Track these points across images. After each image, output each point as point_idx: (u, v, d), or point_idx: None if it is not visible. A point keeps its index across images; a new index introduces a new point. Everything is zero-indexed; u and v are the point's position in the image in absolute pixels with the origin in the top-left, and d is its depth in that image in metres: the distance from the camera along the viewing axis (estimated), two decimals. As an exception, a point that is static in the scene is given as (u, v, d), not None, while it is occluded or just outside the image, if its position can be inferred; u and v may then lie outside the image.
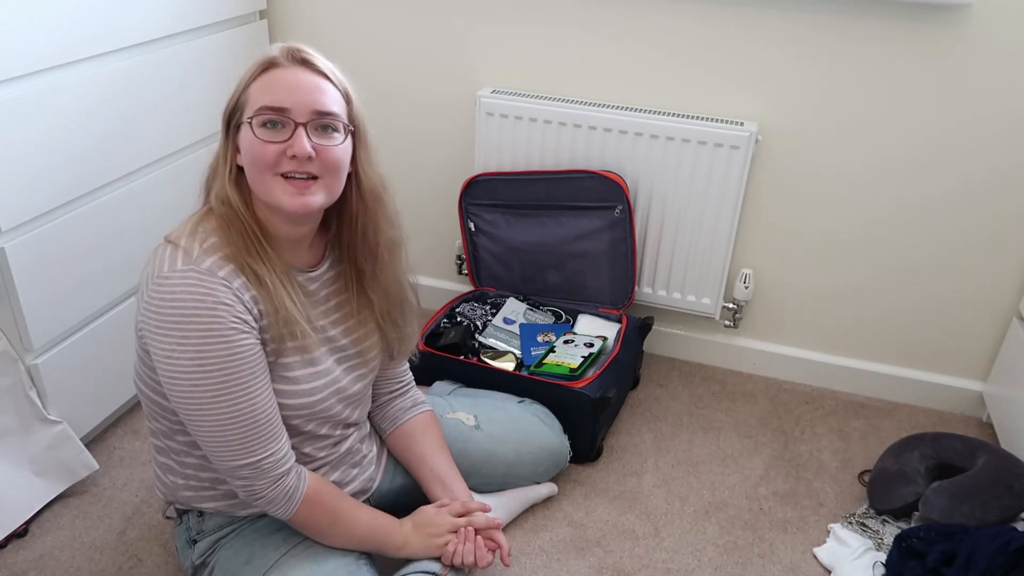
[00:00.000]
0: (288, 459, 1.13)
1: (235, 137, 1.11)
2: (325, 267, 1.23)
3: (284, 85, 1.07)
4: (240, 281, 1.07)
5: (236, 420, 1.07)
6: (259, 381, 1.09)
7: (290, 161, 1.07)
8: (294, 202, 1.08)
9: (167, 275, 1.04)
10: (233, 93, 1.11)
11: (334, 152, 1.10)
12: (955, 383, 1.90)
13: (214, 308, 1.03)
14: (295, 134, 1.06)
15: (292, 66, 1.09)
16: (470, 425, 1.48)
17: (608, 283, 1.91)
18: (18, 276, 1.40)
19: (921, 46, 1.62)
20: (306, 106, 1.07)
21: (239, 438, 1.08)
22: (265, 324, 1.10)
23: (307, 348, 1.16)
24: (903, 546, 1.41)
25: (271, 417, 1.11)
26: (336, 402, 1.23)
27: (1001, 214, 1.71)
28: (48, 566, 1.42)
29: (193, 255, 1.06)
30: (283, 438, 1.13)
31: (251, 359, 1.07)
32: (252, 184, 1.10)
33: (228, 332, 1.04)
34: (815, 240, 1.86)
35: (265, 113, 1.06)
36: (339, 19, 1.98)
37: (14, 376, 1.44)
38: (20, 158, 1.37)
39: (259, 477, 1.11)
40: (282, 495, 1.13)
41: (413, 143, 2.06)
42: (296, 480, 1.14)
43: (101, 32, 1.50)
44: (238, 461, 1.09)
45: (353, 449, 1.32)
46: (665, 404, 1.91)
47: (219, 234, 1.09)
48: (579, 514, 1.58)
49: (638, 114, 1.79)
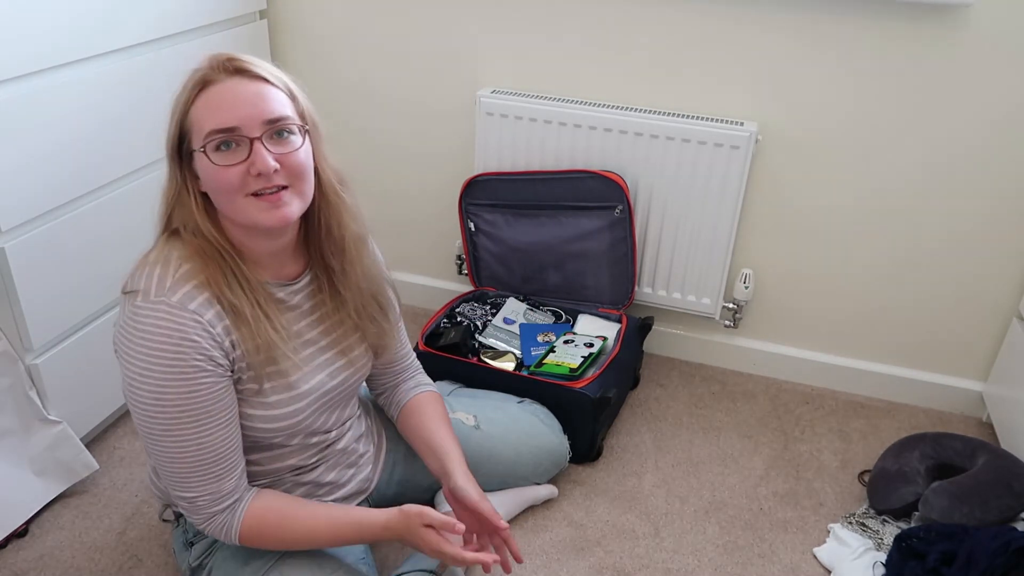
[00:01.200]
0: (226, 499, 1.11)
1: (189, 165, 1.07)
2: (308, 278, 1.20)
3: (226, 102, 1.01)
4: (213, 312, 1.05)
5: (182, 456, 1.07)
6: (213, 421, 1.07)
7: (256, 179, 1.03)
8: (271, 217, 1.05)
9: (140, 304, 1.03)
10: (172, 120, 1.05)
11: (297, 157, 1.06)
12: (955, 383, 1.90)
13: (179, 344, 1.02)
14: (253, 151, 1.02)
15: (227, 78, 1.03)
16: (470, 425, 1.48)
17: (608, 283, 1.91)
18: (18, 276, 1.40)
19: (921, 46, 1.62)
20: (255, 118, 1.02)
21: (181, 472, 1.08)
22: (239, 354, 1.08)
23: (286, 372, 1.14)
24: (903, 546, 1.41)
25: (219, 458, 1.09)
26: (318, 415, 1.21)
27: (1001, 214, 1.71)
28: (48, 566, 1.42)
29: (167, 284, 1.03)
30: (227, 478, 1.11)
31: (208, 399, 1.05)
32: (222, 209, 1.07)
33: (189, 370, 1.03)
34: (815, 240, 1.86)
35: (215, 136, 1.01)
36: (339, 19, 1.98)
37: (14, 376, 1.44)
38: (20, 158, 1.37)
39: (193, 511, 1.11)
40: (216, 529, 1.12)
41: (413, 143, 2.06)
42: (230, 517, 1.12)
43: (101, 32, 1.50)
44: (177, 492, 1.10)
45: (348, 449, 1.32)
46: (665, 404, 1.91)
47: (192, 261, 1.06)
48: (579, 514, 1.58)
49: (638, 114, 1.79)
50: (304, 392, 1.17)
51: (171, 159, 1.07)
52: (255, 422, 1.13)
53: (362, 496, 1.36)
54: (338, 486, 1.30)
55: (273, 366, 1.11)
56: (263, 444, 1.18)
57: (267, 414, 1.14)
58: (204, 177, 1.05)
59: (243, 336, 1.07)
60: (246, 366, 1.09)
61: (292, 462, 1.23)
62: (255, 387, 1.12)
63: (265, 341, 1.09)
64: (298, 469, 1.24)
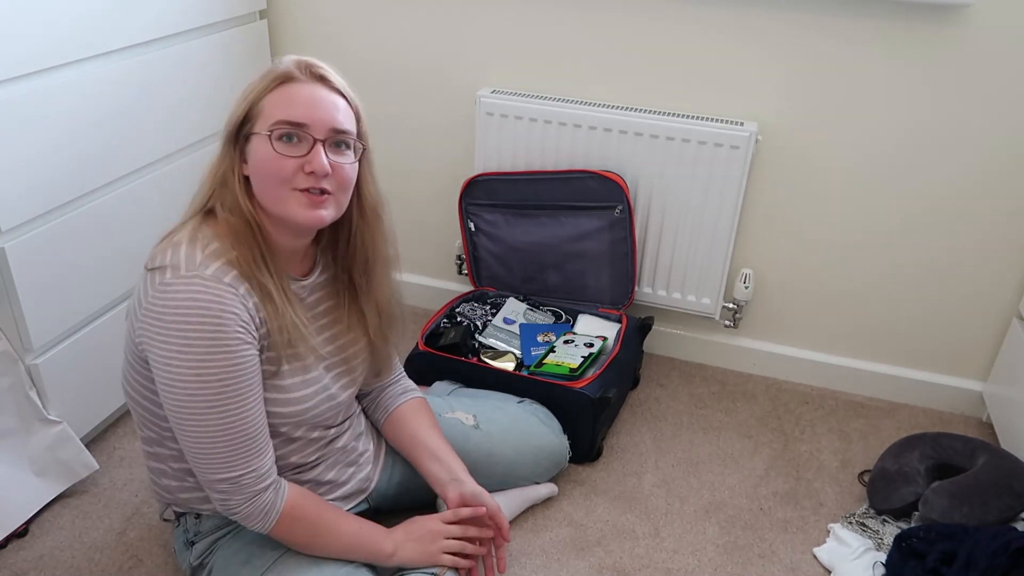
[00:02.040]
0: (268, 476, 1.12)
1: (243, 147, 1.10)
2: (315, 277, 1.22)
3: (303, 100, 1.07)
4: (244, 288, 1.07)
5: (225, 433, 1.07)
6: (254, 394, 1.08)
7: (306, 177, 1.07)
8: (308, 215, 1.08)
9: (169, 281, 1.03)
10: (241, 103, 1.10)
11: (347, 170, 1.11)
12: (955, 383, 1.90)
13: (220, 316, 1.03)
14: (313, 150, 1.07)
15: (309, 82, 1.09)
16: (469, 425, 1.48)
17: (608, 283, 1.91)
18: (18, 276, 1.40)
19: (921, 46, 1.62)
20: (324, 123, 1.07)
21: (224, 451, 1.08)
22: (264, 332, 1.10)
23: (302, 356, 1.15)
24: (903, 546, 1.41)
25: (259, 432, 1.10)
26: (326, 408, 1.23)
27: (1001, 214, 1.71)
28: (48, 566, 1.42)
29: (196, 260, 1.05)
30: (267, 454, 1.12)
31: (249, 371, 1.07)
32: (261, 196, 1.10)
33: (232, 342, 1.04)
34: (815, 240, 1.86)
35: (283, 127, 1.06)
36: (339, 19, 1.98)
37: (14, 376, 1.44)
38: (20, 158, 1.37)
39: (237, 492, 1.10)
40: (258, 511, 1.12)
41: (413, 143, 2.06)
42: (274, 496, 1.13)
43: (101, 32, 1.50)
44: (219, 474, 1.09)
45: (348, 447, 1.32)
46: (665, 404, 1.91)
47: (220, 240, 1.08)
48: (579, 514, 1.58)
49: (638, 114, 1.79)
50: (317, 377, 1.19)
51: (227, 139, 1.11)
52: (271, 406, 1.14)
53: (362, 496, 1.37)
54: (338, 485, 1.31)
55: (292, 349, 1.13)
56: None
57: (280, 397, 1.15)
58: (257, 161, 1.08)
59: (269, 316, 1.09)
60: (268, 345, 1.11)
61: (294, 460, 1.23)
62: (273, 369, 1.13)
63: (289, 322, 1.11)
64: (299, 467, 1.24)
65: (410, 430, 1.37)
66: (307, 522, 1.17)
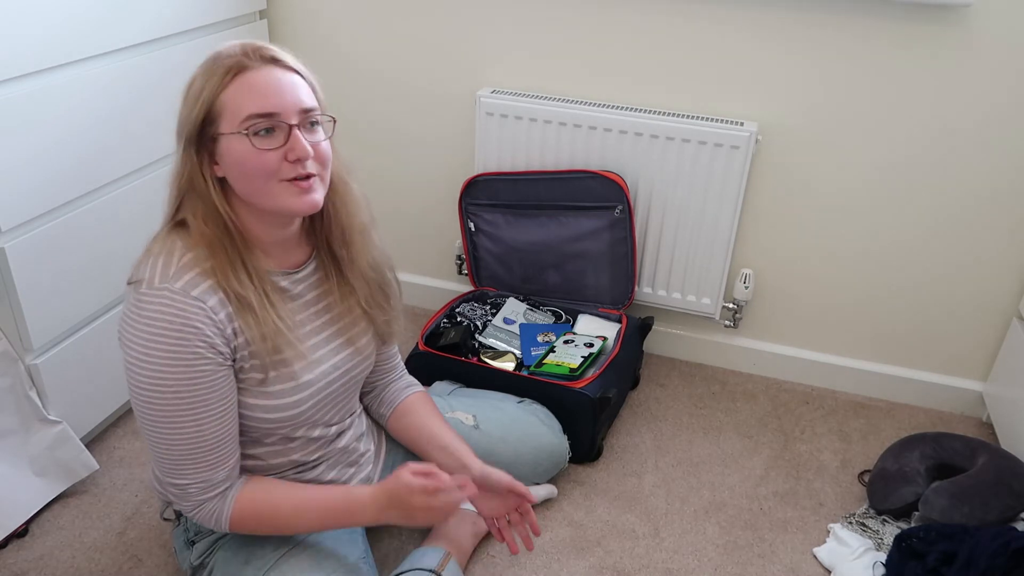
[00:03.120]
0: (217, 487, 1.12)
1: (209, 150, 1.07)
2: (312, 267, 1.21)
3: (266, 89, 1.04)
4: (217, 298, 1.05)
5: (176, 443, 1.07)
6: (211, 410, 1.08)
7: (291, 165, 1.05)
8: (302, 202, 1.07)
9: (144, 292, 1.04)
10: (195, 103, 1.05)
11: (325, 147, 1.10)
12: (955, 383, 1.90)
13: (181, 330, 1.02)
14: (292, 137, 1.05)
15: (263, 66, 1.05)
16: (469, 425, 1.48)
17: (608, 283, 1.91)
18: (18, 276, 1.40)
19: (921, 46, 1.62)
20: (292, 106, 1.05)
21: (175, 459, 1.09)
22: (241, 342, 1.08)
23: (290, 362, 1.14)
24: (903, 546, 1.41)
25: (213, 446, 1.10)
26: (321, 406, 1.22)
27: (1001, 214, 1.71)
28: (48, 566, 1.42)
29: (170, 271, 1.04)
30: (221, 467, 1.12)
31: (207, 386, 1.06)
32: (247, 194, 1.08)
33: (190, 357, 1.03)
34: (815, 240, 1.86)
35: (256, 121, 1.03)
36: (339, 19, 1.98)
37: (14, 376, 1.44)
38: (20, 158, 1.37)
39: (184, 498, 1.12)
40: (206, 516, 1.13)
41: (413, 143, 2.06)
42: (220, 503, 1.13)
43: (101, 32, 1.50)
44: (169, 479, 1.11)
45: (350, 448, 1.32)
46: (665, 404, 1.91)
47: (196, 250, 1.07)
48: (579, 514, 1.58)
49: (638, 114, 1.79)
50: (306, 383, 1.17)
51: (187, 143, 1.07)
52: (257, 412, 1.14)
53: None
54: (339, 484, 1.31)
55: (278, 355, 1.12)
56: (265, 438, 1.18)
57: (269, 403, 1.14)
58: (235, 161, 1.05)
59: (248, 325, 1.08)
60: (249, 355, 1.10)
61: (295, 458, 1.23)
62: (259, 376, 1.12)
63: (271, 330, 1.10)
64: (300, 466, 1.24)
65: (416, 422, 1.37)
66: (263, 517, 1.16)
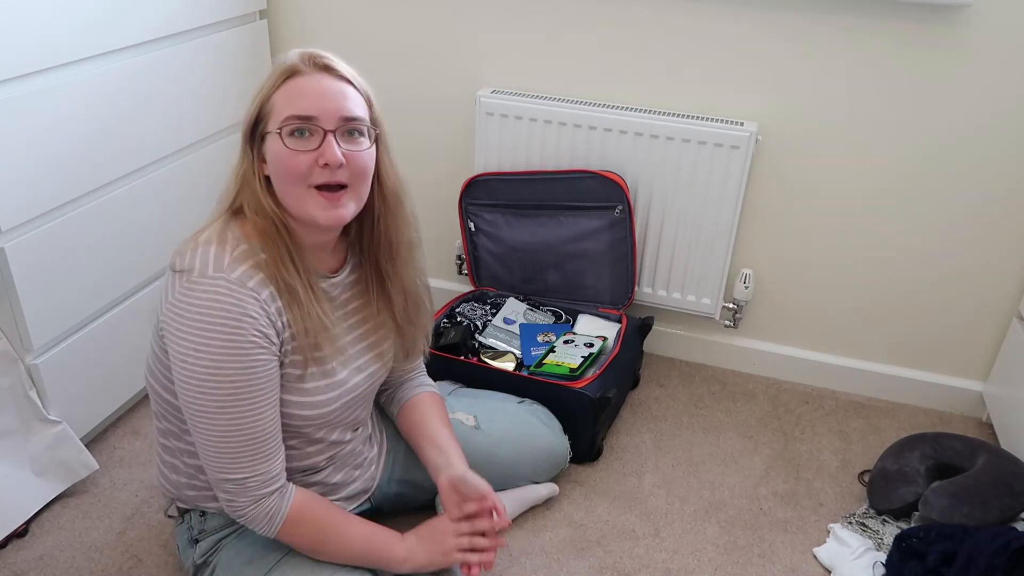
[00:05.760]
0: (275, 481, 1.12)
1: (260, 148, 1.10)
2: (347, 271, 1.22)
3: (309, 93, 1.07)
4: (269, 291, 1.07)
5: (234, 434, 1.07)
6: (266, 398, 1.08)
7: (322, 171, 1.07)
8: (327, 215, 1.08)
9: (196, 280, 1.04)
10: (253, 103, 1.10)
11: (362, 157, 1.10)
12: (955, 383, 1.90)
13: (239, 319, 1.03)
14: (325, 142, 1.06)
15: (315, 73, 1.09)
16: (470, 425, 1.48)
17: (608, 283, 1.91)
18: (18, 276, 1.40)
19: (921, 46, 1.62)
20: (333, 113, 1.07)
21: (233, 452, 1.08)
22: (288, 336, 1.10)
23: (327, 359, 1.16)
24: (903, 546, 1.41)
25: (268, 437, 1.10)
26: (347, 408, 1.23)
27: (1001, 214, 1.71)
28: (48, 566, 1.42)
29: (224, 262, 1.05)
30: (275, 459, 1.12)
31: (263, 375, 1.07)
32: (282, 196, 1.10)
33: (247, 345, 1.04)
34: (815, 240, 1.86)
35: (292, 122, 1.06)
36: (339, 19, 1.98)
37: (14, 376, 1.44)
38: (20, 158, 1.37)
39: (242, 494, 1.11)
40: (262, 515, 1.12)
41: (413, 143, 2.06)
42: (278, 501, 1.13)
43: (101, 32, 1.50)
44: (225, 474, 1.10)
45: (356, 451, 1.32)
46: (665, 404, 1.91)
47: (249, 241, 1.08)
48: (579, 514, 1.58)
49: (638, 114, 1.79)
50: (339, 381, 1.19)
51: (245, 139, 1.11)
52: (291, 408, 1.14)
53: (365, 495, 1.37)
54: (344, 486, 1.31)
55: (318, 351, 1.13)
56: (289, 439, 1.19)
57: (303, 400, 1.15)
58: (272, 160, 1.08)
59: (294, 318, 1.09)
60: (291, 349, 1.11)
61: (309, 463, 1.23)
62: (298, 372, 1.13)
63: (315, 324, 1.11)
64: (306, 471, 1.25)
65: (418, 418, 1.38)
66: (313, 527, 1.16)
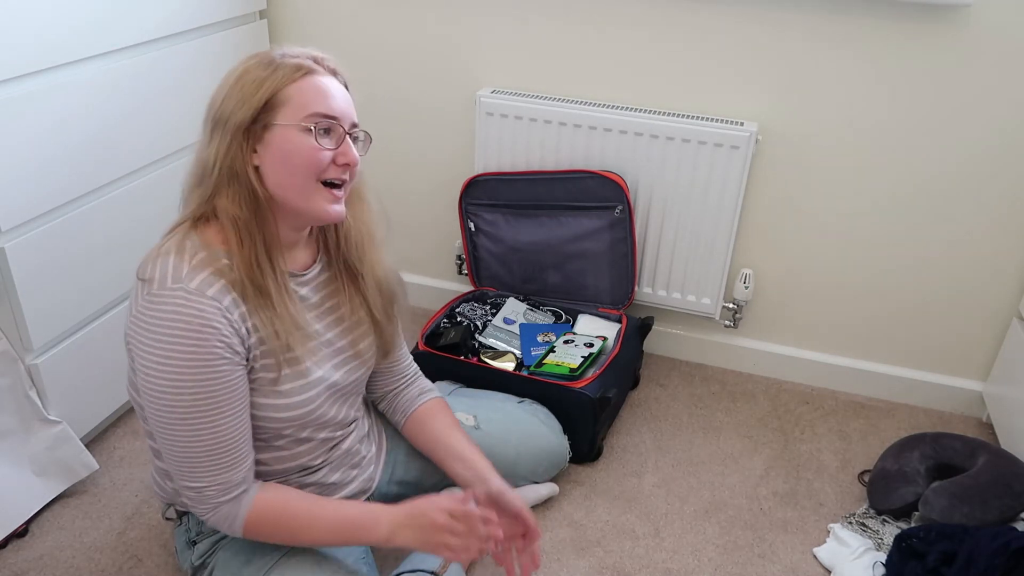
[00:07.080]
0: (234, 489, 1.11)
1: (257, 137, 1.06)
2: (318, 270, 1.22)
3: (333, 93, 1.09)
4: (231, 298, 1.06)
5: (193, 445, 1.07)
6: (228, 410, 1.08)
7: (336, 168, 1.09)
8: (333, 210, 1.10)
9: (156, 292, 1.03)
10: (258, 91, 1.05)
11: (360, 162, 1.14)
12: (955, 383, 1.90)
13: (200, 331, 1.02)
14: (344, 143, 1.09)
15: (327, 75, 1.10)
16: (469, 425, 1.48)
17: (608, 283, 1.91)
18: (18, 276, 1.40)
19: (921, 46, 1.62)
20: (348, 116, 1.10)
21: (192, 461, 1.08)
22: (255, 341, 1.09)
23: (300, 359, 1.15)
24: (903, 546, 1.41)
25: (230, 448, 1.09)
26: (329, 406, 1.22)
27: (1001, 214, 1.71)
28: (48, 566, 1.42)
29: (183, 272, 1.04)
30: (238, 468, 1.11)
31: (225, 387, 1.06)
32: (283, 189, 1.08)
33: (210, 357, 1.04)
34: (815, 240, 1.86)
35: (320, 119, 1.06)
36: (339, 19, 1.98)
37: (14, 376, 1.44)
38: (20, 158, 1.37)
39: (200, 502, 1.11)
40: (221, 519, 1.12)
41: (413, 143, 2.06)
42: (235, 506, 1.12)
43: (100, 32, 1.50)
44: (185, 482, 1.10)
45: (352, 450, 1.32)
46: (665, 404, 1.91)
47: (209, 248, 1.06)
48: (579, 514, 1.58)
49: (638, 114, 1.79)
50: (316, 380, 1.18)
51: (235, 129, 1.05)
52: (268, 411, 1.14)
53: (364, 496, 1.37)
54: (342, 486, 1.31)
55: (290, 352, 1.13)
56: (275, 440, 1.18)
57: (279, 403, 1.14)
58: (285, 151, 1.06)
59: (263, 321, 1.08)
60: (261, 354, 1.10)
61: (302, 462, 1.23)
62: (271, 375, 1.12)
63: (286, 325, 1.11)
64: (304, 470, 1.24)
65: (432, 433, 1.37)
66: (279, 524, 1.15)
